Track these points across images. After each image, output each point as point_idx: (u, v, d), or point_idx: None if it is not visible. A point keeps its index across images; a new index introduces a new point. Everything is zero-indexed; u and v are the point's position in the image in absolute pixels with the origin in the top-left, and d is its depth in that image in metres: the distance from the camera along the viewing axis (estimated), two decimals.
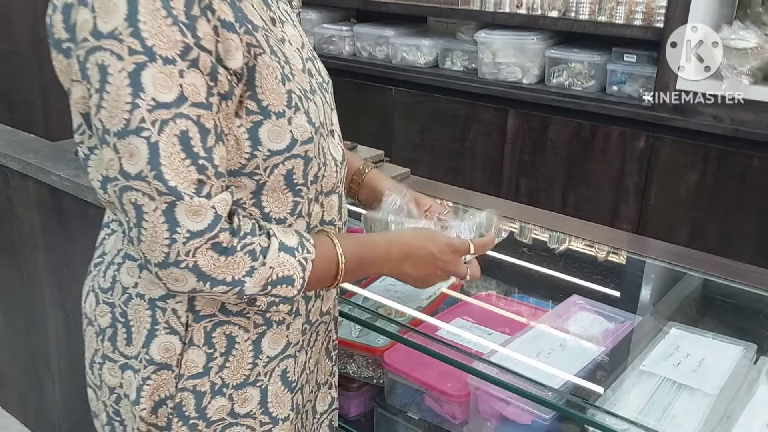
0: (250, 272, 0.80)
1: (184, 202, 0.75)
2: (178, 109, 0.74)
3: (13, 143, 1.87)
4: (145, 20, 0.72)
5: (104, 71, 0.73)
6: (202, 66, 0.76)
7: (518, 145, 2.84)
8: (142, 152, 0.74)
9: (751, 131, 2.31)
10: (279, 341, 0.93)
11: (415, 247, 0.98)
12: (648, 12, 2.51)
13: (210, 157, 0.77)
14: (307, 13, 3.43)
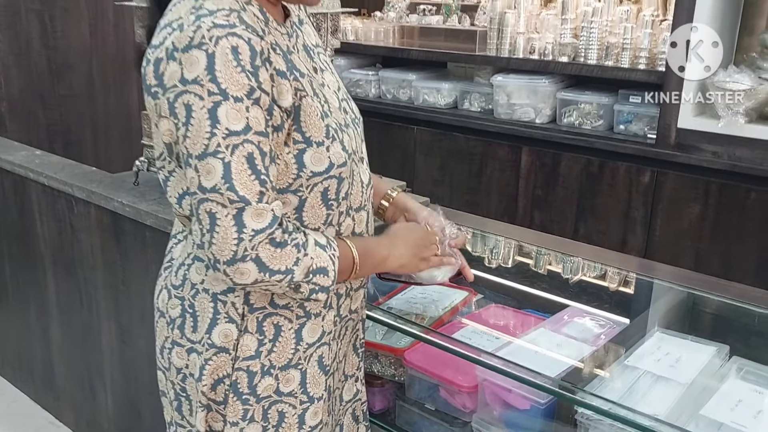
0: (296, 262, 1.00)
1: (251, 207, 0.96)
2: (245, 136, 0.96)
3: (77, 175, 2.12)
4: (220, 69, 0.94)
5: (189, 109, 0.95)
6: (262, 103, 0.97)
7: (531, 179, 3.03)
8: (217, 170, 0.95)
9: (748, 166, 2.49)
10: (316, 331, 1.13)
11: (403, 230, 1.25)
12: (651, 57, 2.72)
13: (268, 174, 0.98)
14: (337, 59, 3.69)
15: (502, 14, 3.04)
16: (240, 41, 0.95)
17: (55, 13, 2.99)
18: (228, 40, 0.94)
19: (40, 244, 2.31)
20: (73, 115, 3.12)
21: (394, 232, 1.24)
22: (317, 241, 1.04)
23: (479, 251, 2.01)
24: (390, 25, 3.53)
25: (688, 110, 2.58)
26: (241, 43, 0.95)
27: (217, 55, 0.94)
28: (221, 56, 0.94)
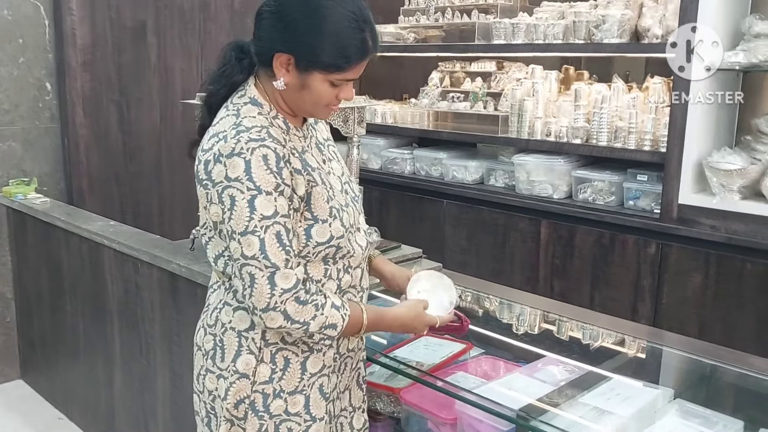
0: (314, 317, 1.32)
1: (281, 271, 1.29)
2: (274, 219, 1.29)
3: (144, 241, 2.50)
4: (255, 171, 1.28)
5: (233, 200, 1.29)
6: (285, 194, 1.31)
7: (550, 250, 3.28)
8: (255, 244, 1.28)
9: (743, 239, 2.69)
10: (317, 363, 1.43)
11: (406, 321, 1.51)
12: (654, 139, 2.99)
13: (291, 245, 1.31)
14: (375, 140, 4.08)
15: (522, 101, 3.37)
16: (269, 150, 1.30)
17: (131, 103, 3.49)
18: (260, 150, 1.29)
19: (109, 302, 2.69)
20: (143, 190, 3.57)
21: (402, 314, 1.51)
22: (334, 303, 1.35)
23: (494, 313, 2.29)
24: (424, 110, 3.90)
25: (688, 187, 2.82)
26: (269, 152, 1.30)
27: (252, 161, 1.29)
28: (255, 162, 1.28)
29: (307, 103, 1.39)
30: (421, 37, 3.92)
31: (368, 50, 1.35)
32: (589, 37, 3.14)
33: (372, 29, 1.36)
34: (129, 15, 3.41)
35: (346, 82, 1.37)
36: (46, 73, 3.29)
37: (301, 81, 1.35)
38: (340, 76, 1.34)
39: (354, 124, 2.40)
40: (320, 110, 1.42)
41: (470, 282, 2.41)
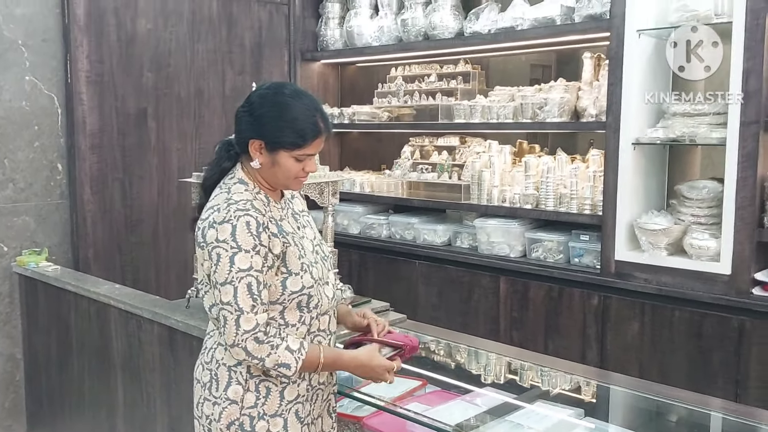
0: (268, 355, 1.67)
1: (245, 315, 1.66)
2: (248, 272, 1.67)
3: (145, 301, 2.87)
4: (239, 234, 1.67)
5: (219, 256, 1.68)
6: (261, 253, 1.69)
7: (509, 304, 3.66)
8: (230, 292, 1.66)
9: (671, 290, 3.08)
10: (293, 392, 1.79)
11: (363, 362, 1.83)
12: (593, 204, 3.41)
13: (259, 295, 1.68)
14: (354, 207, 4.50)
15: (481, 172, 3.81)
16: (251, 218, 1.69)
17: (133, 180, 3.90)
18: (244, 218, 1.69)
19: (114, 357, 3.03)
20: (142, 257, 3.94)
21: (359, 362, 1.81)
22: (289, 346, 1.69)
23: (451, 356, 2.66)
24: (397, 180, 4.33)
25: (622, 245, 3.23)
26: (252, 219, 1.69)
27: (237, 226, 1.68)
28: (240, 227, 1.68)
29: (279, 178, 1.79)
30: (395, 116, 4.39)
31: (320, 130, 1.76)
32: (534, 116, 3.60)
33: (323, 115, 1.78)
34: (132, 103, 3.86)
35: (308, 156, 1.77)
36: (58, 156, 3.70)
37: (271, 160, 1.76)
38: (300, 152, 1.75)
39: (328, 195, 2.81)
40: (291, 182, 1.82)
41: (438, 332, 2.80)
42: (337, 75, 4.93)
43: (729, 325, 2.94)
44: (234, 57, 4.27)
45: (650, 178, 3.33)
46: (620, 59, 3.12)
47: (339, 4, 4.63)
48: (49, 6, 3.59)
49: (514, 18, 3.65)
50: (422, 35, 4.12)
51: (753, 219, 2.86)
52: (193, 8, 4.05)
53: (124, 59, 3.80)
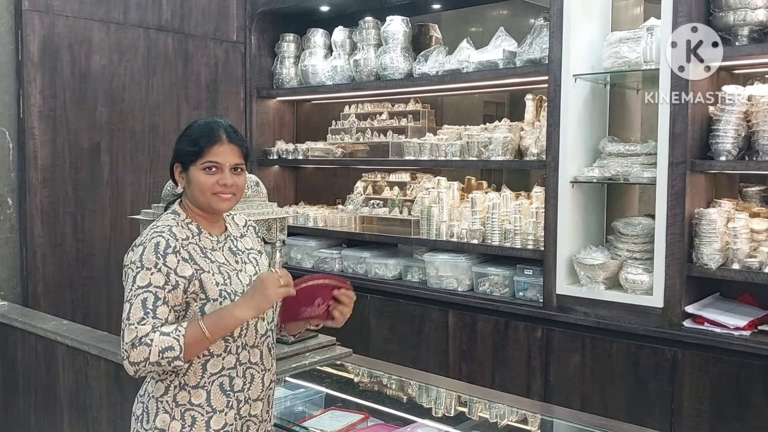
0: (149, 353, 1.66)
1: (128, 327, 1.69)
2: (147, 289, 1.72)
3: (92, 337, 2.88)
4: (145, 254, 1.73)
5: (126, 276, 1.75)
6: (163, 272, 1.73)
7: (458, 337, 3.74)
8: (126, 309, 1.71)
9: (609, 323, 3.21)
10: (220, 422, 1.82)
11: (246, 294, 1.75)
12: (536, 240, 3.53)
13: (155, 310, 1.70)
14: (308, 241, 4.56)
15: (430, 207, 3.91)
16: (161, 239, 1.76)
17: (85, 214, 3.91)
18: (155, 239, 1.76)
19: (60, 393, 3.02)
20: (93, 293, 3.94)
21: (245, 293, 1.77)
22: (162, 331, 1.70)
23: (396, 391, 2.72)
24: (350, 215, 4.41)
25: (563, 279, 3.35)
26: (162, 240, 1.76)
27: (147, 247, 1.75)
28: (149, 247, 1.75)
29: (198, 196, 1.84)
30: (349, 152, 4.49)
31: (217, 137, 1.82)
32: (480, 154, 3.74)
33: (225, 128, 1.85)
34: (86, 138, 3.89)
35: (216, 166, 1.82)
36: (8, 190, 3.70)
37: (188, 179, 1.85)
38: (202, 160, 1.82)
39: (276, 231, 2.87)
40: (212, 199, 1.84)
41: (386, 366, 2.86)
42: (293, 112, 5.03)
43: (663, 356, 3.07)
44: (190, 92, 4.34)
45: (589, 214, 3.47)
46: (557, 102, 3.27)
47: (294, 44, 4.75)
48: (2, 42, 3.63)
49: (460, 61, 3.80)
50: (374, 75, 4.25)
51: (682, 254, 3.00)
52: (149, 45, 4.12)
53: (78, 94, 3.84)
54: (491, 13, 5.47)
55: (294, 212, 4.64)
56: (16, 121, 3.69)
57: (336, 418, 2.35)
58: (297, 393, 2.57)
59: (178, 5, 4.25)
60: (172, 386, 1.79)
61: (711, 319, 2.99)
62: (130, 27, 4.03)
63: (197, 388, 1.79)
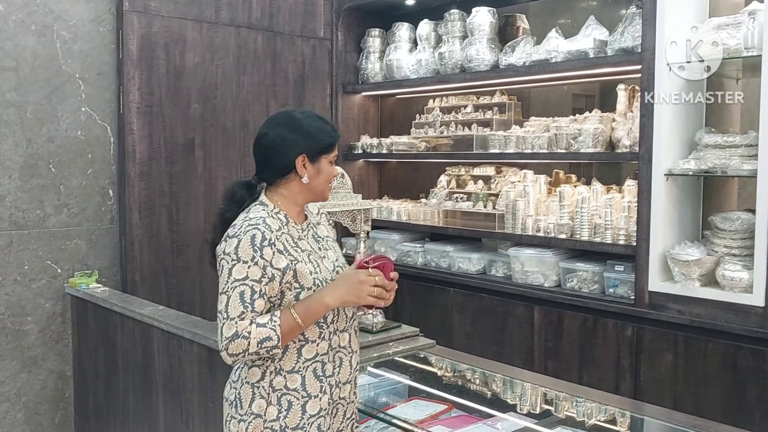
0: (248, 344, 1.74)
1: (228, 322, 1.75)
2: (243, 282, 1.77)
3: (185, 322, 3.00)
4: (241, 247, 1.78)
5: (222, 267, 1.80)
6: (260, 265, 1.78)
7: (543, 334, 3.67)
8: (223, 301, 1.77)
9: (705, 321, 3.06)
10: (315, 407, 1.86)
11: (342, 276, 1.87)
12: (628, 235, 3.41)
13: (252, 304, 1.77)
14: (391, 235, 4.59)
15: (515, 201, 3.85)
16: (257, 232, 1.81)
17: (179, 206, 4.07)
18: (251, 232, 1.80)
19: (155, 375, 3.16)
20: (187, 281, 4.10)
21: (336, 279, 1.88)
22: (258, 323, 1.77)
23: (482, 384, 2.70)
24: (433, 209, 4.40)
25: (656, 276, 3.22)
26: (257, 233, 1.80)
27: (242, 240, 1.79)
28: (244, 240, 1.79)
29: (322, 186, 1.95)
30: (432, 146, 4.48)
31: (337, 134, 1.97)
32: (569, 146, 3.65)
33: (330, 123, 2.00)
34: (180, 133, 4.05)
35: (335, 158, 1.97)
36: (110, 182, 3.90)
37: (316, 170, 1.93)
38: (333, 153, 1.95)
39: (360, 222, 2.90)
40: (328, 189, 1.98)
41: (470, 359, 2.85)
42: (377, 106, 5.07)
43: (763, 358, 2.91)
44: (278, 89, 4.44)
45: (684, 208, 3.33)
46: (651, 92, 3.15)
47: (380, 39, 4.78)
48: (105, 42, 3.83)
49: (548, 51, 3.72)
50: (459, 68, 4.22)
51: None
52: (239, 43, 4.25)
53: (173, 91, 4.00)
54: (580, 3, 5.32)
55: (378, 206, 4.67)
56: (117, 117, 3.88)
57: (419, 407, 2.36)
58: (380, 382, 2.59)
59: (267, 4, 4.36)
60: (268, 371, 1.85)
61: None
62: (221, 26, 4.16)
63: (293, 372, 1.85)
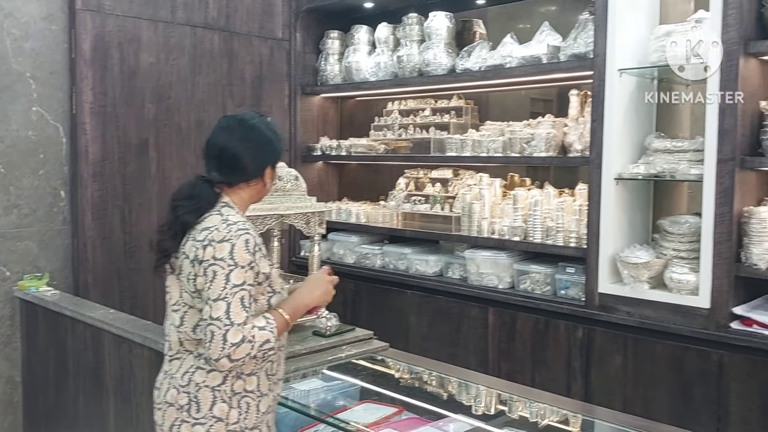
0: (251, 348, 1.77)
1: (234, 328, 1.75)
2: (242, 287, 1.78)
3: (136, 326, 2.96)
4: (237, 252, 1.79)
5: (215, 273, 1.79)
6: (255, 269, 1.81)
7: (497, 335, 3.71)
8: (222, 308, 1.76)
9: (653, 323, 3.13)
10: (266, 404, 1.93)
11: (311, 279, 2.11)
12: (579, 237, 3.47)
13: (250, 308, 1.79)
14: (350, 237, 4.59)
15: (471, 204, 3.89)
16: (249, 237, 1.83)
17: (133, 207, 4.01)
18: (244, 236, 1.82)
19: (106, 379, 3.11)
20: (140, 283, 4.04)
21: (309, 282, 2.08)
22: (259, 327, 1.81)
23: (431, 386, 2.71)
24: (392, 211, 4.41)
25: (605, 278, 3.28)
26: (250, 238, 1.83)
27: (236, 245, 1.80)
28: (239, 245, 1.80)
29: (267, 191, 2.05)
30: (392, 148, 4.49)
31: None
32: (522, 150, 3.69)
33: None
34: (134, 133, 3.99)
35: None
36: (62, 183, 3.83)
37: (272, 175, 2.05)
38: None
39: (315, 225, 2.90)
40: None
41: (424, 361, 2.85)
42: (337, 108, 5.06)
43: (709, 359, 2.98)
44: (234, 90, 4.41)
45: (634, 212, 3.40)
46: (602, 97, 3.21)
47: (339, 41, 4.78)
48: (57, 41, 3.76)
49: (503, 56, 3.76)
50: (417, 71, 4.24)
51: (730, 254, 2.91)
52: (195, 43, 4.21)
53: (127, 91, 3.95)
54: (538, 9, 5.38)
55: (337, 208, 4.67)
56: (69, 117, 3.81)
57: (370, 410, 2.36)
58: (332, 385, 2.59)
59: (224, 4, 4.32)
60: (230, 375, 1.87)
61: (760, 321, 2.89)
62: (177, 25, 4.12)
63: (251, 375, 1.90)
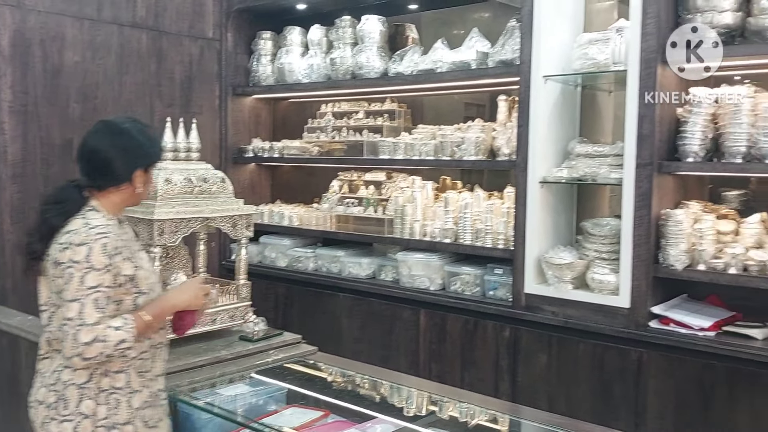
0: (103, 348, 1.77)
1: (86, 328, 1.75)
2: (97, 289, 1.78)
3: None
4: (94, 255, 1.78)
5: (71, 276, 1.78)
6: (113, 272, 1.81)
7: (428, 337, 3.74)
8: (75, 308, 1.76)
9: (577, 323, 3.21)
10: (140, 400, 1.92)
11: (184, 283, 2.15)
12: (506, 239, 3.53)
13: (105, 308, 1.79)
14: (282, 240, 4.55)
15: (403, 207, 3.91)
16: (108, 240, 1.83)
17: None
18: (102, 240, 1.82)
19: (23, 387, 2.99)
20: None
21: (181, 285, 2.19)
22: (115, 327, 1.81)
23: (360, 389, 2.71)
24: (325, 213, 4.40)
25: (531, 279, 3.35)
26: (108, 242, 1.83)
27: (94, 248, 1.80)
28: (96, 248, 1.80)
29: (144, 194, 2.04)
30: (325, 150, 4.48)
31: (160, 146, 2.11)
32: (453, 154, 3.74)
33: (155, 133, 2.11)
34: (58, 134, 3.86)
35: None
36: None
37: (146, 179, 2.01)
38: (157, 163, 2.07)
39: (242, 228, 2.86)
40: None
41: (353, 365, 2.85)
42: (270, 110, 5.02)
43: (628, 356, 3.08)
44: (163, 90, 4.32)
45: (559, 215, 3.48)
46: (527, 103, 3.28)
47: (271, 42, 4.74)
48: None
49: (434, 61, 3.80)
50: (350, 74, 4.25)
51: (649, 255, 3.01)
52: (122, 42, 4.10)
53: (50, 90, 3.82)
54: (471, 15, 5.47)
55: (269, 210, 4.63)
56: None
57: (296, 414, 2.35)
58: (259, 390, 2.56)
59: (153, 3, 4.23)
60: (96, 373, 1.87)
61: (676, 319, 3.00)
62: (103, 24, 4.01)
63: (119, 372, 1.90)
